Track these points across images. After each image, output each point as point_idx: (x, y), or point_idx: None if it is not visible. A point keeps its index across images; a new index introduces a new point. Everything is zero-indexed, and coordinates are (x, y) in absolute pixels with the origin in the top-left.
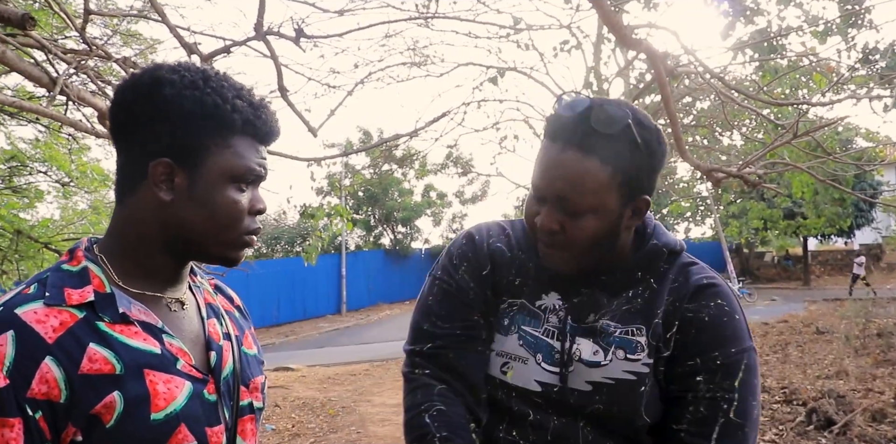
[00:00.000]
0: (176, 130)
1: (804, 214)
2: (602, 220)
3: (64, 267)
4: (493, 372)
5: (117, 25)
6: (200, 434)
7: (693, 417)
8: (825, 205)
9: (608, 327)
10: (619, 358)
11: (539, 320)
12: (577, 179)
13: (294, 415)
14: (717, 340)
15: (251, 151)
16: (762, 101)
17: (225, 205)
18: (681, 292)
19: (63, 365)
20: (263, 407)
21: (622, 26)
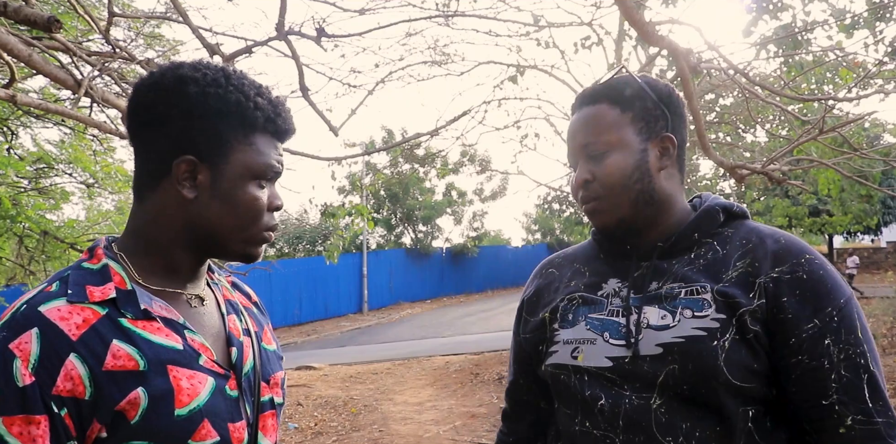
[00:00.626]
0: (200, 127)
1: (830, 212)
2: (626, 155)
3: (84, 265)
4: (563, 360)
5: (140, 27)
6: (223, 430)
7: (839, 385)
8: (852, 202)
9: (672, 291)
10: (687, 317)
11: (603, 305)
12: (591, 122)
13: (316, 413)
14: (825, 295)
15: (270, 148)
16: (787, 96)
17: (247, 201)
18: (759, 253)
19: (87, 362)
20: (283, 402)
21: (644, 22)
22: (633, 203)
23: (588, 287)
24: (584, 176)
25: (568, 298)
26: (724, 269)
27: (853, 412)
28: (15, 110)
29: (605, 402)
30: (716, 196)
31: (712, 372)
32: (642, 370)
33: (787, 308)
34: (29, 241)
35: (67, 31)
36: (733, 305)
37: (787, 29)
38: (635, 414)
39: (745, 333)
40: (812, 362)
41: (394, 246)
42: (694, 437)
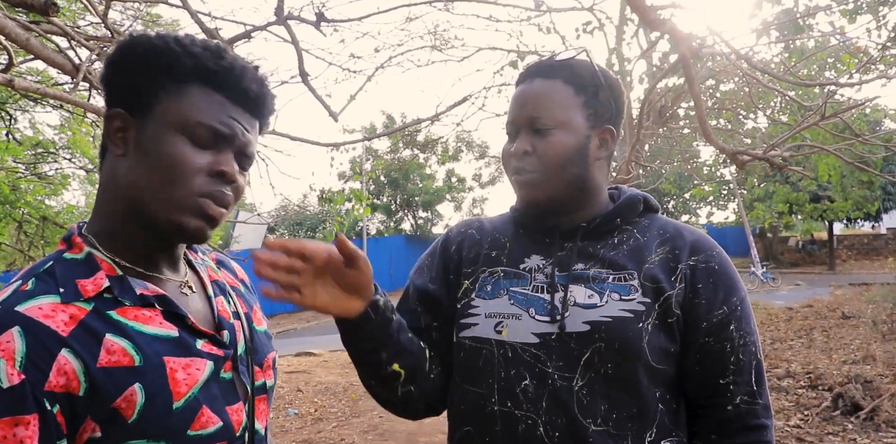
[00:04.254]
0: (128, 76)
1: (830, 198)
2: (571, 137)
3: (67, 256)
4: (485, 334)
5: (139, 11)
6: (223, 413)
7: (736, 367)
8: (852, 188)
9: (600, 274)
10: (615, 300)
11: (526, 280)
12: (544, 96)
13: (317, 400)
14: (731, 287)
15: (212, 105)
16: (789, 81)
17: (168, 157)
18: (677, 243)
19: (81, 357)
20: (275, 384)
21: (645, 7)
22: (566, 185)
23: (510, 260)
24: (525, 147)
25: (490, 270)
26: (646, 254)
27: (742, 392)
28: (13, 94)
29: (528, 382)
30: (633, 189)
31: (636, 353)
32: (568, 347)
33: (702, 294)
34: (28, 226)
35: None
36: (658, 290)
37: (790, 14)
38: (558, 395)
39: (668, 317)
40: (716, 344)
41: (394, 232)
42: (611, 418)
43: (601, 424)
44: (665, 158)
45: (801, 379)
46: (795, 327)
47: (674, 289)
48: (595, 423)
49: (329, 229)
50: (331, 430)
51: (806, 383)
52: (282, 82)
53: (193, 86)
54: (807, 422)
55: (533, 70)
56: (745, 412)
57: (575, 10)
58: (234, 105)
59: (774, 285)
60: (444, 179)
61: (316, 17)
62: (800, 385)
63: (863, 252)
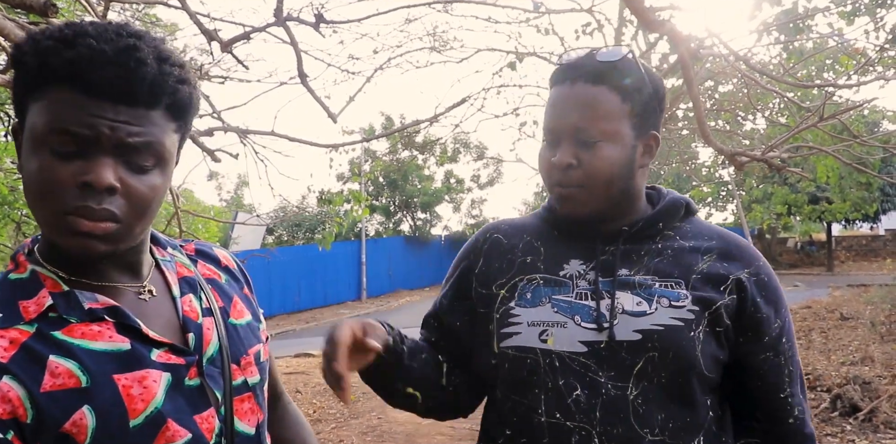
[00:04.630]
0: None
1: (829, 199)
2: (618, 149)
3: (11, 277)
4: (529, 343)
5: (137, 12)
6: (190, 424)
7: (791, 379)
8: (851, 189)
9: (646, 281)
10: (664, 306)
11: (568, 287)
12: (590, 106)
13: (315, 401)
14: (780, 298)
15: (69, 107)
16: (787, 83)
17: (29, 173)
18: (723, 252)
19: (24, 384)
20: (262, 380)
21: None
22: (611, 198)
23: (548, 267)
24: (569, 160)
25: (528, 277)
26: (693, 262)
27: (797, 403)
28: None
29: (580, 392)
30: (673, 191)
31: (691, 362)
32: (619, 357)
33: (761, 308)
34: (27, 227)
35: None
36: (708, 299)
37: (789, 14)
38: (613, 405)
39: (718, 326)
40: (775, 358)
41: (392, 233)
42: (668, 428)
43: (658, 434)
44: (664, 159)
45: None
46: (794, 329)
47: (723, 299)
48: (652, 433)
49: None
50: (329, 431)
51: (805, 384)
52: (280, 83)
53: (52, 88)
54: None
55: (574, 71)
56: (801, 423)
57: (574, 11)
58: (95, 99)
59: None
60: (443, 180)
61: (315, 18)
62: None
63: (861, 253)
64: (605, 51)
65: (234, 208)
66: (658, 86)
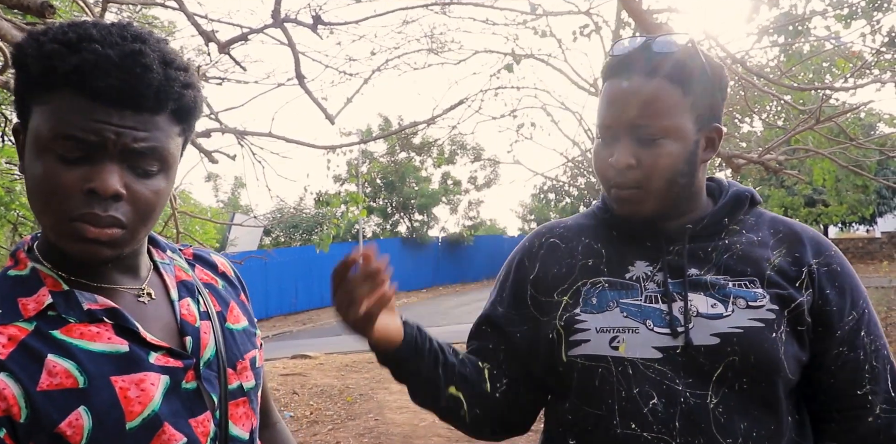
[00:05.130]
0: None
1: (825, 202)
2: (680, 146)
3: (11, 274)
4: (599, 351)
5: (135, 13)
6: (186, 428)
7: (871, 375)
8: (847, 192)
9: (719, 280)
10: (741, 308)
11: (636, 291)
12: (649, 100)
13: (312, 402)
14: (856, 289)
15: (75, 112)
16: (784, 86)
17: (34, 179)
18: (794, 243)
19: (20, 382)
20: (257, 385)
21: (642, 11)
22: (673, 197)
23: (612, 270)
24: (629, 160)
25: (591, 281)
26: (764, 258)
27: (881, 401)
28: (9, 96)
29: (657, 401)
30: (732, 181)
31: (775, 366)
32: (697, 362)
33: (831, 300)
34: (24, 228)
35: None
36: (786, 297)
37: (787, 17)
38: (693, 415)
39: (799, 325)
40: (850, 353)
41: (390, 235)
42: (752, 437)
43: (741, 443)
44: None
45: None
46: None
47: (802, 296)
48: (735, 441)
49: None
50: (326, 433)
51: None
52: (278, 85)
53: (57, 92)
54: None
55: (629, 64)
56: (886, 422)
57: (571, 13)
58: (101, 105)
59: None
60: (440, 181)
61: (313, 19)
62: None
63: (857, 256)
64: (663, 40)
65: (231, 210)
66: (720, 74)
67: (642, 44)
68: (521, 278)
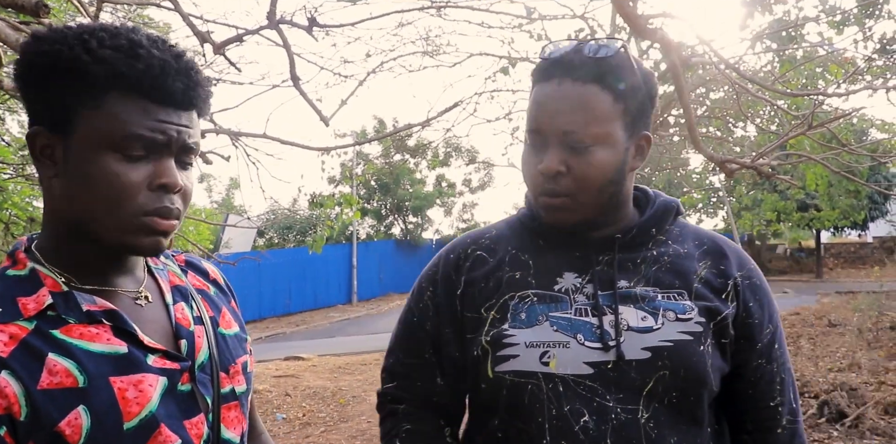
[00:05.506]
0: (39, 91)
1: (818, 206)
2: (610, 153)
3: (9, 273)
4: (529, 367)
5: (130, 13)
6: (181, 430)
7: (782, 387)
8: (839, 197)
9: (648, 293)
10: (671, 320)
11: (566, 303)
12: (581, 107)
13: (305, 404)
14: (772, 303)
15: (135, 113)
16: (777, 92)
17: (101, 179)
18: (718, 256)
19: (21, 380)
20: (248, 390)
21: (637, 15)
22: (602, 205)
23: (540, 282)
24: (559, 167)
25: (519, 295)
26: (691, 270)
27: (787, 412)
28: (2, 95)
29: (588, 418)
30: (661, 193)
31: (703, 379)
32: (629, 377)
33: (754, 313)
34: (16, 228)
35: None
36: (713, 310)
37: (781, 23)
38: (624, 431)
39: (723, 337)
40: (767, 365)
41: (383, 237)
42: None
43: None
44: (655, 165)
45: None
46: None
47: (728, 308)
48: None
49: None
50: (319, 435)
51: None
52: (273, 86)
53: (113, 95)
54: None
55: (561, 68)
56: (790, 432)
57: (567, 17)
58: (161, 107)
59: None
60: (435, 184)
61: (308, 21)
62: None
63: (849, 261)
64: (595, 45)
65: (225, 211)
66: (650, 82)
67: (574, 48)
68: (449, 292)
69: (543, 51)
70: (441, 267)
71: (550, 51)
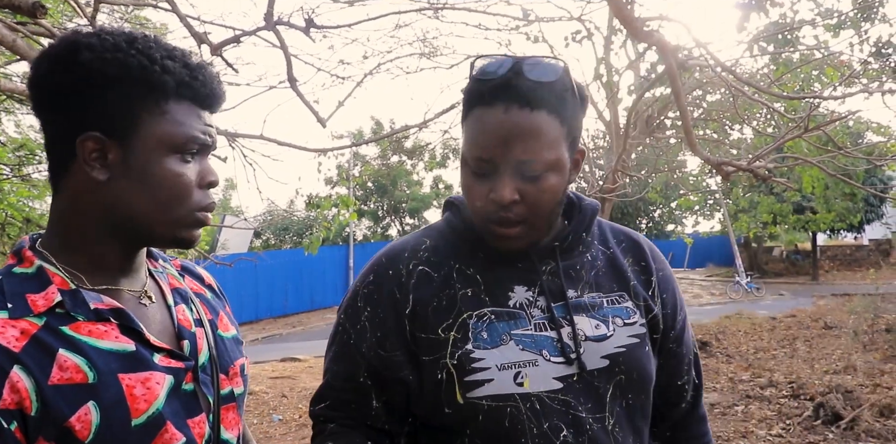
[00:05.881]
0: (99, 98)
1: (814, 209)
2: (560, 177)
3: (16, 271)
4: (506, 389)
5: (127, 14)
6: (185, 428)
7: (689, 366)
8: (835, 200)
9: (595, 300)
10: (620, 326)
11: (524, 320)
12: (534, 136)
13: (301, 406)
14: (678, 290)
15: (191, 117)
16: (773, 94)
17: (167, 179)
18: (636, 252)
19: (33, 375)
20: (244, 392)
21: (634, 18)
22: (549, 223)
23: (493, 298)
24: (514, 196)
25: (476, 314)
26: (623, 269)
27: (692, 388)
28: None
29: (567, 432)
30: (577, 193)
31: (650, 378)
32: (593, 386)
33: (669, 303)
34: (11, 229)
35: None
36: (647, 308)
37: (777, 26)
38: (598, 440)
39: (654, 332)
40: (678, 348)
41: (380, 239)
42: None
43: None
44: (651, 168)
45: (783, 389)
46: (779, 337)
47: (656, 305)
48: None
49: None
50: None
51: (788, 392)
52: (270, 87)
53: (171, 101)
54: (788, 431)
55: (504, 92)
56: (692, 403)
57: (563, 19)
58: (204, 111)
59: (759, 294)
60: (432, 185)
61: (305, 22)
62: (782, 395)
63: (845, 263)
64: (538, 67)
65: (221, 212)
66: (584, 95)
67: (513, 68)
68: (396, 312)
69: (479, 70)
70: (381, 285)
71: (486, 70)
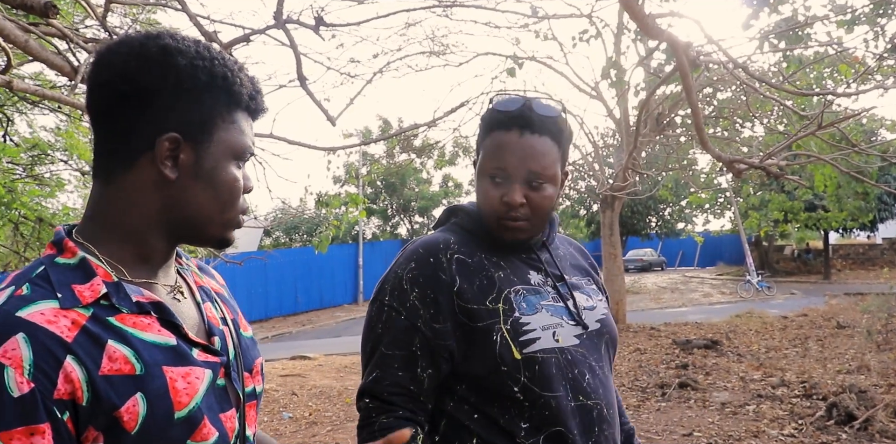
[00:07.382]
0: (188, 102)
1: (826, 207)
2: (555, 188)
3: (59, 261)
4: (549, 345)
5: (137, 14)
6: (217, 422)
7: None
8: (848, 198)
9: (580, 282)
10: (598, 300)
11: (545, 294)
12: (542, 155)
13: (311, 403)
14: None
15: (248, 127)
16: (786, 91)
17: (229, 183)
18: (582, 253)
19: (85, 365)
20: (262, 391)
21: (644, 15)
22: (544, 223)
23: (519, 278)
24: (521, 200)
25: (513, 289)
26: (583, 263)
27: None
28: (11, 96)
29: (589, 376)
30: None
31: (617, 339)
32: (594, 343)
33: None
34: (24, 228)
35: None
36: (603, 291)
37: (788, 22)
38: (604, 383)
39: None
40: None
41: (389, 237)
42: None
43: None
44: (662, 166)
45: (795, 388)
46: (790, 336)
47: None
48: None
49: (325, 233)
50: (325, 434)
51: (800, 392)
52: (280, 86)
53: (239, 112)
54: (801, 431)
55: (519, 121)
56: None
57: (573, 17)
58: (253, 122)
59: (770, 293)
60: (441, 183)
61: (315, 21)
62: (794, 394)
63: (858, 262)
64: (542, 104)
65: None
66: (570, 128)
67: (525, 104)
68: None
69: (499, 103)
70: (424, 270)
71: (504, 104)
